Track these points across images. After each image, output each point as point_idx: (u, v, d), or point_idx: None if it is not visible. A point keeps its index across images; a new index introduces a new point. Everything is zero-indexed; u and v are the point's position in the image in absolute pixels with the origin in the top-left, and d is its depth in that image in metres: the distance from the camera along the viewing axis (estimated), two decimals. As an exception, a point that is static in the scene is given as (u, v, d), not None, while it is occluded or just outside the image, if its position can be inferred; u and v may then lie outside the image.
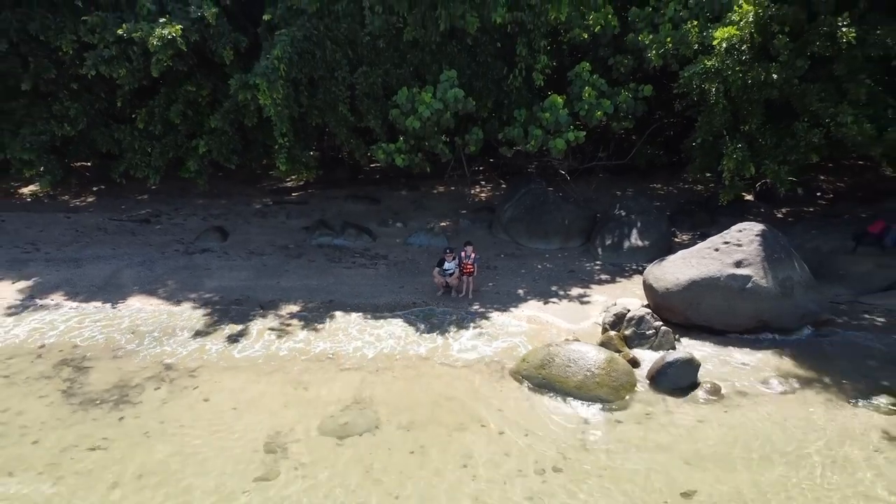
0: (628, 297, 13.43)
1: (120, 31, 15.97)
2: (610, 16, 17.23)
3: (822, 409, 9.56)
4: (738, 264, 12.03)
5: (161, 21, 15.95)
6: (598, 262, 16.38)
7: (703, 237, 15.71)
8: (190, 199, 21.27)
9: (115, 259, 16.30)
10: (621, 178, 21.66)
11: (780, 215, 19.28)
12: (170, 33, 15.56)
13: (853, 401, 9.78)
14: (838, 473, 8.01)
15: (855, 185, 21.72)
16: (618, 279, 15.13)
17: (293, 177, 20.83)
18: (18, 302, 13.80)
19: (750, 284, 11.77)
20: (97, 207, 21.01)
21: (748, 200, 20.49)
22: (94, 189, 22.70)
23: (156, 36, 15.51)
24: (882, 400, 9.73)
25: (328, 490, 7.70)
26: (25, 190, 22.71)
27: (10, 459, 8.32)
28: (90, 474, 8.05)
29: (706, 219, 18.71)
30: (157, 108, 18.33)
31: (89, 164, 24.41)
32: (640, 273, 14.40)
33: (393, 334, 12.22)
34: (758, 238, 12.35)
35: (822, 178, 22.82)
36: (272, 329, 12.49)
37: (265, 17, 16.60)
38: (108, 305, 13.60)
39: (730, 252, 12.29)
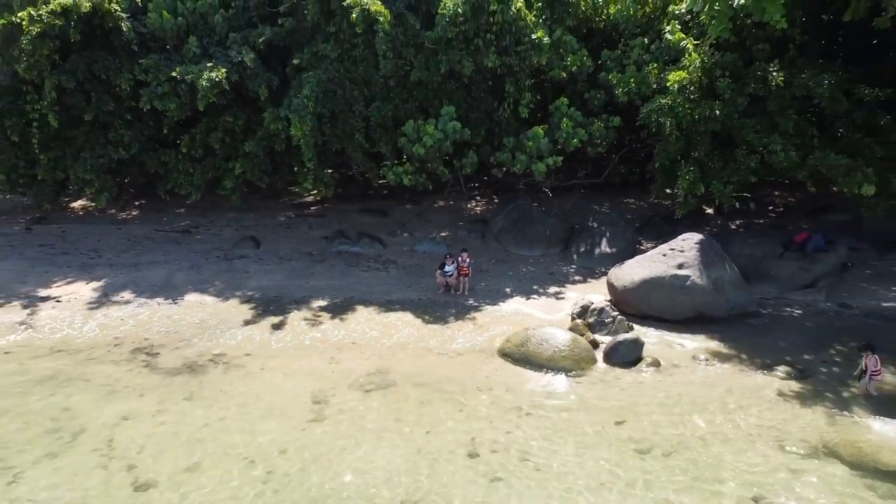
0: (595, 294, 16.29)
1: (174, 74, 18.93)
2: (585, 57, 20.24)
3: (735, 376, 12.39)
4: (680, 266, 14.92)
5: (208, 65, 18.90)
6: (573, 266, 19.27)
7: (663, 245, 18.56)
8: (222, 213, 24.11)
9: (167, 264, 19.16)
10: (599, 194, 24.54)
11: (733, 226, 22.16)
12: (216, 76, 18.50)
13: (761, 371, 12.62)
14: (740, 417, 10.81)
15: (803, 199, 24.57)
16: (588, 280, 18.01)
17: (313, 192, 23.63)
18: (95, 298, 16.66)
19: (688, 283, 14.65)
20: (142, 220, 23.89)
21: (708, 213, 23.36)
22: (137, 203, 25.56)
23: (205, 78, 18.45)
24: (781, 369, 12.56)
25: (361, 425, 10.53)
26: (76, 204, 25.58)
27: (129, 407, 11.15)
28: (185, 415, 10.88)
29: (669, 230, 21.46)
30: (199, 135, 21.25)
31: (127, 180, 27.26)
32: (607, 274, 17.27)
33: (400, 326, 15.07)
34: (696, 246, 15.25)
35: (776, 193, 25.67)
36: (306, 319, 15.36)
37: (294, 61, 19.57)
38: (169, 301, 16.48)
39: (674, 257, 15.18)
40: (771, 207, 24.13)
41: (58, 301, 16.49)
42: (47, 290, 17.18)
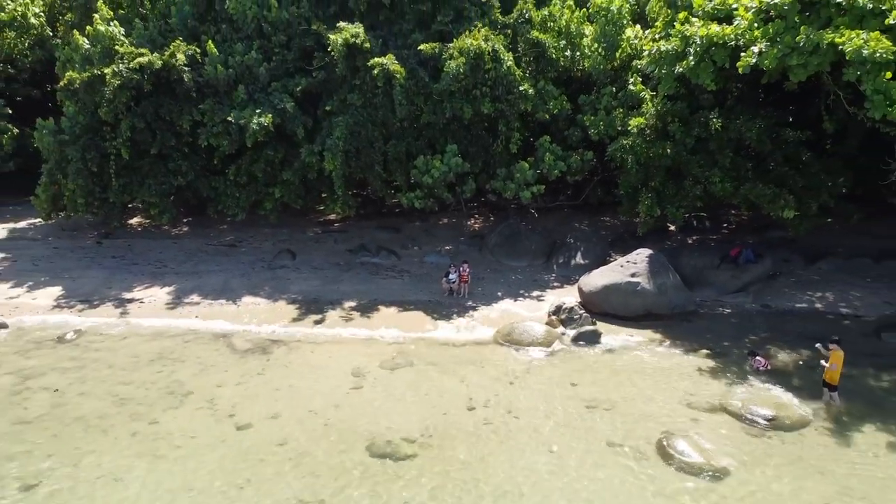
0: (569, 296, 20.25)
1: (229, 118, 22.96)
2: (564, 102, 24.28)
3: (667, 357, 16.32)
4: (633, 275, 18.89)
5: (257, 111, 22.92)
6: (553, 275, 23.20)
7: (626, 257, 22.48)
8: (260, 229, 28.03)
9: (222, 272, 23.13)
10: (578, 213, 28.44)
11: (689, 241, 26.04)
12: (264, 121, 22.52)
13: (688, 353, 16.55)
14: (664, 384, 14.70)
15: (753, 218, 28.47)
16: (565, 286, 21.94)
17: (337, 212, 27.53)
18: (171, 300, 20.65)
19: (639, 287, 18.61)
20: (192, 235, 27.86)
21: (671, 230, 27.26)
22: (186, 220, 29.51)
23: (255, 122, 22.48)
24: (702, 352, 16.49)
25: (391, 391, 14.48)
26: (133, 221, 29.54)
27: (220, 377, 15.12)
28: (261, 384, 14.84)
29: (635, 244, 25.18)
30: (244, 166, 25.19)
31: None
32: (580, 281, 21.22)
33: (415, 321, 19.03)
34: (647, 259, 19.23)
35: (732, 212, 29.57)
36: (340, 316, 19.33)
37: (326, 108, 23.61)
38: (230, 302, 20.46)
39: (629, 268, 19.15)
40: (725, 225, 28.03)
41: (141, 302, 20.48)
42: (131, 294, 21.17)
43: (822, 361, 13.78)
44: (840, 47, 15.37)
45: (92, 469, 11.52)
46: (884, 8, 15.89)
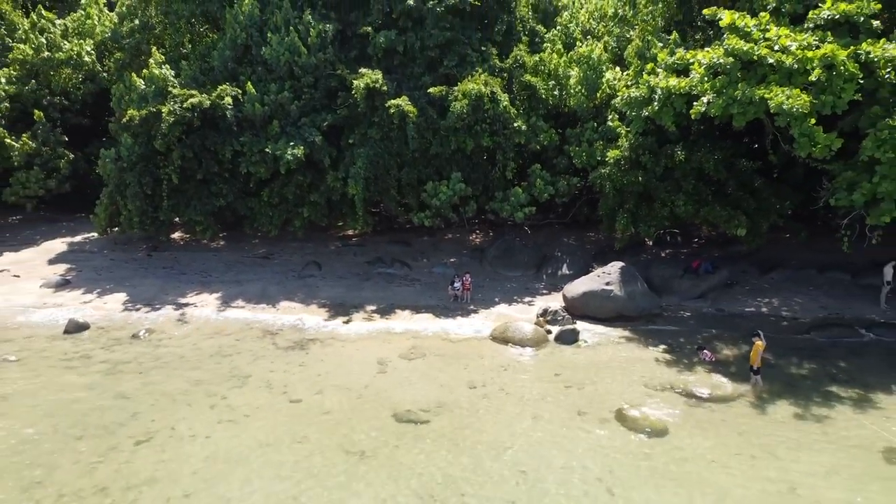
0: (555, 302, 23.70)
1: (267, 149, 26.53)
2: (553, 134, 27.83)
3: (632, 350, 19.77)
4: (607, 284, 22.36)
5: (290, 144, 26.49)
6: (542, 283, 26.66)
7: (605, 269, 25.91)
8: (288, 244, 31.52)
9: (259, 281, 26.63)
10: (566, 230, 31.89)
11: (662, 254, 29.51)
12: (297, 152, 26.09)
13: (647, 347, 19.98)
14: (627, 371, 18.14)
15: (719, 234, 31.88)
16: (552, 293, 25.38)
17: (356, 229, 30.99)
18: (219, 304, 24.14)
19: (612, 294, 22.08)
20: (229, 249, 31.38)
21: (647, 245, 30.70)
22: (222, 235, 33.03)
23: (289, 153, 26.04)
24: (661, 347, 19.94)
25: (408, 375, 17.94)
26: (175, 236, 33.06)
27: (271, 365, 18.60)
28: (305, 369, 18.30)
29: (614, 257, 28.73)
30: (277, 189, 28.72)
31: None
32: (565, 289, 24.66)
33: (426, 321, 22.49)
34: (619, 270, 22.71)
35: (703, 228, 33.02)
36: (363, 318, 22.80)
37: (349, 141, 27.20)
38: (270, 306, 23.94)
39: (604, 277, 22.63)
40: (695, 240, 31.48)
41: (195, 306, 23.98)
42: (185, 299, 24.67)
43: (754, 343, 17.21)
44: (769, 101, 18.91)
45: (186, 430, 14.98)
46: (808, 67, 19.43)
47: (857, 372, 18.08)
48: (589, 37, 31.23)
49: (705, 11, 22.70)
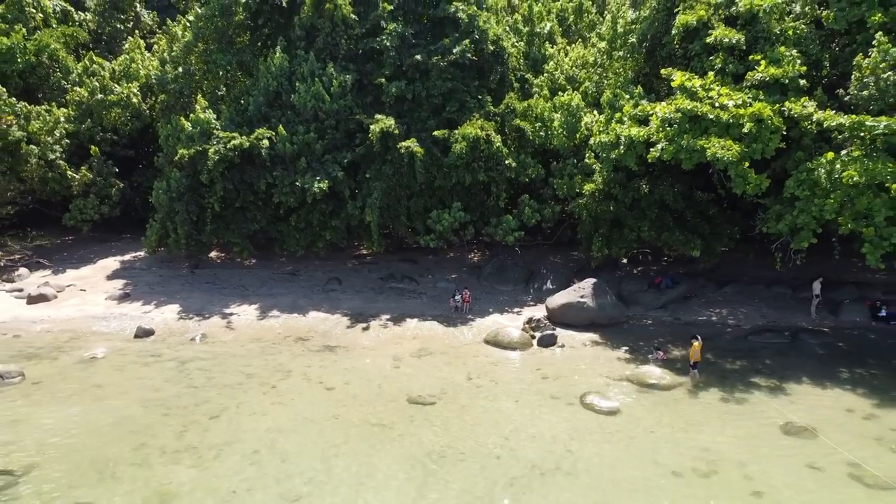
0: (539, 312, 27.79)
1: (297, 183, 30.80)
2: (540, 169, 32.08)
3: (600, 351, 23.85)
4: (582, 297, 26.49)
5: (316, 178, 30.77)
6: (530, 296, 30.77)
7: (583, 284, 30.04)
8: (311, 262, 35.72)
9: (289, 294, 30.79)
10: (552, 250, 36.04)
11: (635, 271, 33.63)
12: (323, 186, 30.37)
13: (612, 349, 24.06)
14: (594, 367, 22.22)
15: (684, 253, 35.93)
16: (538, 304, 29.46)
17: (370, 249, 35.13)
18: (258, 314, 28.29)
19: (585, 305, 26.19)
20: (259, 266, 35.56)
21: (622, 262, 34.81)
22: (254, 255, 37.21)
23: (316, 187, 30.31)
24: (623, 348, 24.02)
25: (419, 369, 22.07)
26: (213, 254, 37.27)
27: (306, 363, 22.73)
28: (335, 366, 22.42)
29: (593, 274, 32.91)
30: (303, 215, 32.96)
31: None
32: (548, 301, 28.77)
33: (431, 328, 26.61)
34: (592, 285, 26.85)
35: (665, 249, 37.05)
36: (379, 325, 26.93)
37: (366, 175, 31.51)
38: (301, 315, 28.09)
39: (579, 291, 26.76)
40: (664, 258, 35.59)
41: (238, 315, 28.14)
42: (228, 310, 28.84)
43: (692, 344, 21.34)
44: (706, 150, 23.14)
45: (246, 409, 19.12)
46: (741, 122, 23.62)
47: (777, 367, 22.16)
48: (573, 82, 35.51)
49: (662, 72, 27.12)
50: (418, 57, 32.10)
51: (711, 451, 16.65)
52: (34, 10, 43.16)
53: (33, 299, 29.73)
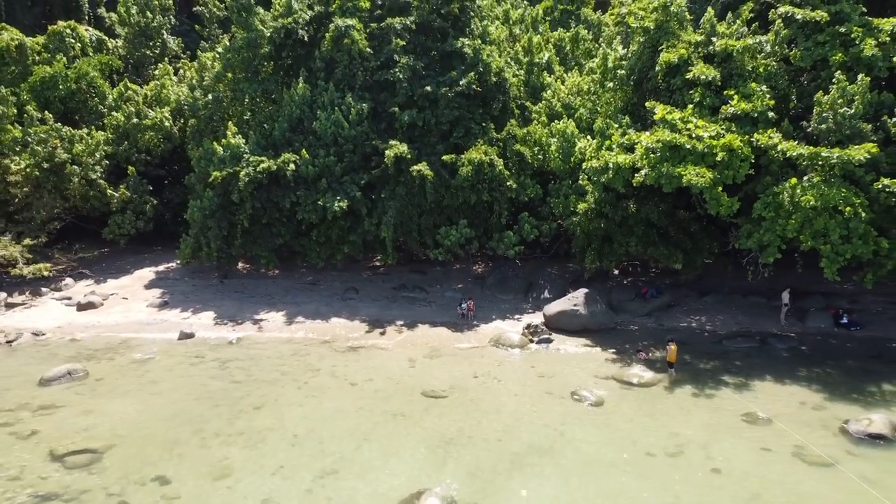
0: (538, 319, 30.71)
1: (319, 202, 33.84)
2: (538, 189, 35.10)
3: (590, 352, 26.75)
4: (575, 305, 29.37)
5: (337, 198, 33.80)
6: (529, 305, 33.68)
7: (577, 293, 32.97)
8: (329, 273, 38.66)
9: (312, 302, 33.77)
10: (550, 262, 38.94)
11: (626, 282, 36.53)
12: (342, 205, 33.40)
13: (601, 351, 26.95)
14: (583, 366, 25.12)
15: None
16: (536, 312, 32.36)
17: (384, 261, 38.07)
18: (285, 320, 31.26)
19: (578, 312, 29.12)
20: (282, 277, 38.53)
21: (613, 273, 37.70)
22: (277, 266, 40.21)
23: (336, 206, 33.33)
24: (610, 350, 26.91)
25: (431, 368, 25.02)
26: (239, 266, 40.25)
27: (333, 363, 25.67)
28: (358, 364, 25.36)
29: (586, 285, 35.88)
30: (323, 230, 35.96)
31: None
32: (545, 309, 31.69)
33: (441, 333, 29.55)
34: (584, 294, 29.79)
35: (651, 261, 39.89)
36: (394, 330, 29.88)
37: (382, 195, 34.56)
38: (324, 321, 31.05)
39: (572, 300, 29.67)
40: (653, 270, 38.47)
41: (268, 321, 31.12)
42: (258, 316, 31.81)
43: (669, 347, 24.25)
44: (683, 177, 26.11)
45: (284, 401, 22.07)
46: (714, 151, 26.58)
47: (745, 367, 25.04)
48: (569, 109, 38.50)
49: (647, 104, 30.17)
50: (428, 88, 35.20)
51: (680, 435, 19.54)
52: (73, 41, 46.41)
53: (83, 307, 32.77)
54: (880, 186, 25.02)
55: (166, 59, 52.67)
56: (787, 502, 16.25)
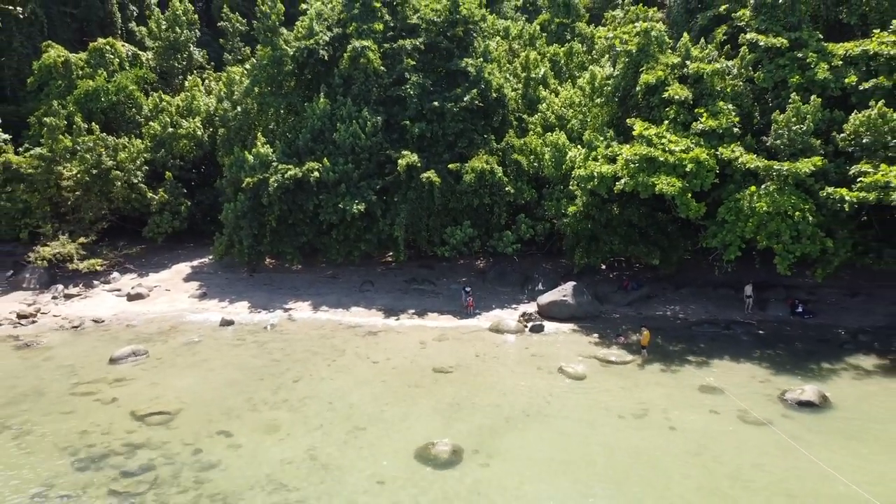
0: (532, 308, 34.54)
1: (339, 205, 37.69)
2: (534, 193, 38.91)
3: (577, 337, 30.62)
4: (564, 296, 33.23)
5: (355, 201, 37.64)
6: (525, 296, 37.48)
7: (567, 286, 36.80)
8: (347, 268, 42.45)
9: (333, 294, 37.64)
10: (545, 257, 42.66)
11: (611, 276, 40.27)
12: (360, 207, 37.24)
13: (586, 335, 30.80)
14: (570, 348, 28.98)
15: (656, 261, 42.58)
16: (531, 302, 36.14)
17: (396, 258, 41.86)
18: (311, 309, 35.17)
19: (567, 302, 32.97)
20: (305, 271, 42.37)
21: (602, 268, 41.40)
22: (299, 261, 44.04)
23: (354, 208, 37.17)
24: (594, 335, 30.76)
25: (440, 349, 28.93)
26: (266, 262, 44.09)
27: (356, 345, 29.61)
28: (377, 346, 29.29)
29: (576, 278, 39.65)
30: (342, 230, 39.76)
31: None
32: (539, 300, 35.53)
33: (447, 320, 33.42)
34: (572, 287, 33.64)
35: (632, 258, 43.65)
36: (407, 318, 33.76)
37: (395, 199, 38.40)
38: (345, 311, 34.94)
39: (562, 292, 33.53)
40: (637, 265, 42.19)
41: (296, 310, 35.01)
42: (287, 305, 35.72)
43: (643, 332, 28.10)
44: (655, 185, 29.88)
45: (318, 376, 26.00)
46: (684, 163, 30.34)
47: (707, 349, 28.89)
48: (562, 120, 42.13)
49: (628, 121, 33.93)
50: (436, 103, 38.95)
51: (646, 402, 23.43)
52: (112, 56, 50.29)
53: (132, 297, 36.75)
54: (825, 194, 28.76)
55: (193, 70, 56.46)
56: (727, 452, 20.10)
